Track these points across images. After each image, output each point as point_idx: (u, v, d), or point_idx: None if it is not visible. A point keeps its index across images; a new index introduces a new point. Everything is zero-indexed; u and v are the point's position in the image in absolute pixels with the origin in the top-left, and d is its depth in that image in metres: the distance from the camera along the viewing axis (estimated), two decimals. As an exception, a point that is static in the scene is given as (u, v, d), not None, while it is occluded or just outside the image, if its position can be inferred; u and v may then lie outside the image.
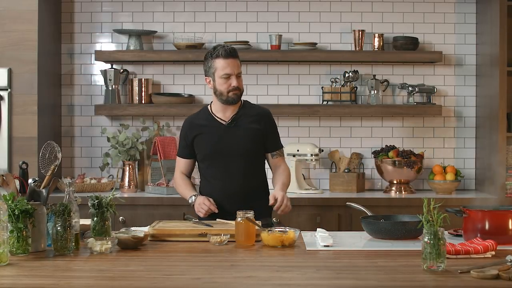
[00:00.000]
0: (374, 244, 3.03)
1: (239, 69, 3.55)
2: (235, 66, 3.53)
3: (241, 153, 3.58)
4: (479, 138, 5.04)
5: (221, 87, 3.55)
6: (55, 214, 2.80)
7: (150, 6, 5.13)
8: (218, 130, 3.61)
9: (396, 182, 4.86)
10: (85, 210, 3.06)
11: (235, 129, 3.60)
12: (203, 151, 3.63)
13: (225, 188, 3.59)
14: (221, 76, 3.52)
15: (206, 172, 3.66)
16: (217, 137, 3.59)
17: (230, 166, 3.58)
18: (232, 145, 3.58)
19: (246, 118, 3.63)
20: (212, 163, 3.62)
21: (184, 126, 3.74)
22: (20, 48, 4.65)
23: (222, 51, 3.51)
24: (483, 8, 4.95)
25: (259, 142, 3.64)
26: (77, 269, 2.58)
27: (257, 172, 3.67)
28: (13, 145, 4.63)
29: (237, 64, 3.54)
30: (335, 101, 4.98)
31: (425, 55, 4.98)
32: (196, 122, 3.69)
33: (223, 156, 3.59)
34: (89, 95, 5.15)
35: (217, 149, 3.59)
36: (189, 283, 2.36)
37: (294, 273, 2.49)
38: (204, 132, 3.62)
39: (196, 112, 3.78)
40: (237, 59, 3.56)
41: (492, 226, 2.93)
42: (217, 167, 3.61)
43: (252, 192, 3.60)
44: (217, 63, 3.53)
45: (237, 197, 3.55)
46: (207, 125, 3.64)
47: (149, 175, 4.95)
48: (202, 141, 3.63)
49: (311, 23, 5.12)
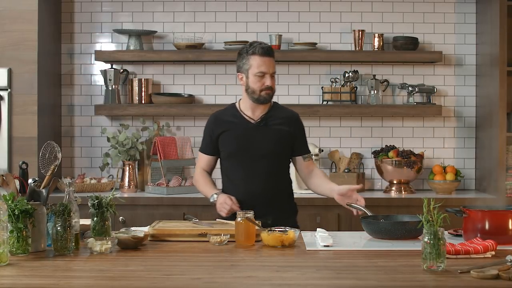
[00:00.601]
0: (374, 244, 3.03)
1: (274, 69, 3.46)
2: (271, 65, 3.44)
3: (267, 154, 3.50)
4: (479, 138, 5.04)
5: (254, 85, 3.44)
6: (55, 214, 2.80)
7: (150, 6, 5.14)
8: (246, 128, 3.51)
9: (396, 182, 4.86)
10: (85, 210, 3.06)
11: (264, 129, 3.51)
12: (228, 148, 3.53)
13: (248, 188, 3.49)
14: (256, 74, 3.42)
15: (230, 171, 3.56)
16: (244, 135, 3.49)
17: (255, 166, 3.50)
18: (259, 144, 3.49)
19: (275, 119, 3.54)
20: (237, 161, 3.53)
21: (209, 121, 3.61)
22: (20, 48, 4.65)
23: (259, 49, 3.42)
24: (483, 8, 4.95)
25: (287, 145, 3.55)
26: (77, 269, 2.58)
27: (282, 175, 3.59)
28: (13, 145, 4.63)
29: (273, 63, 3.46)
30: (335, 101, 4.99)
31: (425, 55, 4.98)
32: (223, 118, 3.57)
33: (249, 156, 3.50)
34: (89, 95, 5.15)
35: (243, 147, 3.49)
36: (189, 283, 2.36)
37: (294, 273, 2.49)
38: (231, 129, 3.52)
39: (223, 109, 3.65)
40: (273, 58, 3.47)
41: (492, 226, 2.93)
42: (242, 167, 3.52)
43: (276, 194, 3.54)
44: (253, 60, 3.43)
45: (261, 198, 3.47)
46: (234, 122, 3.53)
47: (149, 175, 4.95)
48: (228, 138, 3.52)
49: (311, 23, 5.12)
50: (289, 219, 3.49)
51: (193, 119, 5.13)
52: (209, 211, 4.45)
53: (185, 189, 4.77)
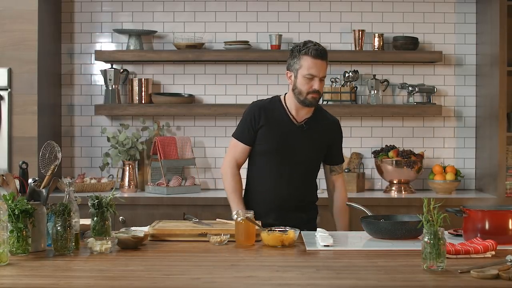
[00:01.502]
0: (374, 244, 3.03)
1: (324, 73, 3.36)
2: (322, 69, 3.34)
3: (304, 160, 3.44)
4: (479, 138, 5.04)
5: (302, 86, 3.34)
6: (55, 214, 2.79)
7: (150, 6, 5.14)
8: (289, 128, 3.41)
9: (396, 182, 4.86)
10: (85, 210, 3.06)
11: (307, 133, 3.43)
12: (267, 145, 3.40)
13: (276, 190, 3.43)
14: (305, 75, 3.33)
15: (260, 168, 3.44)
16: (287, 135, 3.39)
17: (289, 170, 3.42)
18: (300, 149, 3.41)
19: (318, 123, 3.46)
20: (271, 160, 3.42)
21: (252, 109, 3.45)
22: (20, 48, 4.65)
23: (312, 50, 3.32)
24: (483, 8, 4.95)
25: (322, 152, 3.50)
26: (77, 269, 2.58)
27: (311, 180, 3.53)
28: (13, 145, 4.63)
29: (324, 67, 3.36)
30: (335, 101, 4.98)
31: (425, 55, 4.98)
32: (268, 110, 3.43)
33: (286, 157, 3.41)
34: (89, 95, 5.15)
35: (283, 147, 3.40)
36: (189, 283, 2.36)
37: (294, 273, 2.49)
38: (274, 124, 3.39)
39: (267, 100, 3.51)
40: (326, 62, 3.37)
41: (492, 226, 2.93)
42: (276, 167, 3.42)
43: (303, 200, 3.50)
44: (304, 60, 3.33)
45: (287, 202, 3.42)
46: (279, 117, 3.41)
47: (149, 175, 4.95)
48: (269, 133, 3.39)
49: (311, 23, 5.12)
50: (310, 223, 3.48)
51: (193, 119, 5.13)
52: (209, 211, 4.46)
53: (185, 189, 4.77)
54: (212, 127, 5.12)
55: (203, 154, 5.12)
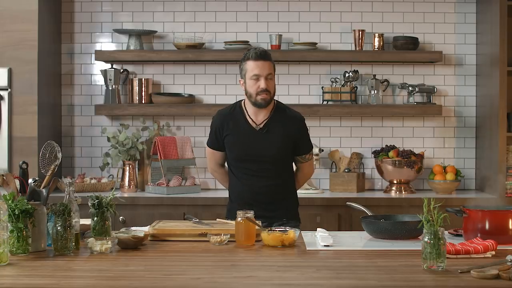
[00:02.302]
0: (374, 244, 3.03)
1: (269, 71, 3.53)
2: (265, 68, 3.52)
3: (270, 158, 3.62)
4: (479, 138, 5.04)
5: (250, 88, 3.55)
6: (55, 214, 2.79)
7: (150, 6, 5.14)
8: (249, 134, 3.62)
9: (396, 182, 4.86)
10: (85, 210, 3.06)
11: (267, 135, 3.61)
12: (233, 152, 3.67)
13: (252, 188, 3.64)
14: (251, 78, 3.53)
15: (235, 171, 3.71)
16: (247, 141, 3.61)
17: (259, 169, 3.63)
18: (262, 150, 3.61)
19: (278, 123, 3.63)
20: (241, 164, 3.67)
21: (215, 120, 3.72)
22: (20, 48, 4.64)
23: (253, 53, 3.52)
24: (483, 8, 4.95)
25: (288, 148, 3.66)
26: (77, 269, 2.58)
27: (285, 173, 3.71)
28: (13, 145, 4.63)
29: (268, 66, 3.53)
30: (335, 101, 4.98)
31: (425, 55, 4.98)
32: (228, 120, 3.67)
33: (252, 160, 3.63)
34: (89, 95, 5.15)
35: (246, 152, 3.63)
36: (189, 283, 2.36)
37: (294, 273, 2.49)
38: (235, 133, 3.64)
39: (229, 108, 3.73)
40: (268, 61, 3.54)
41: (492, 226, 2.93)
42: (246, 169, 3.66)
43: (279, 193, 3.68)
44: (248, 65, 3.54)
45: (265, 197, 3.63)
46: (238, 126, 3.64)
47: (149, 175, 4.95)
48: (232, 142, 3.65)
49: (311, 23, 5.12)
50: (291, 212, 3.70)
51: (193, 119, 5.13)
52: (209, 210, 4.46)
53: (185, 189, 4.77)
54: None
55: (203, 154, 5.10)
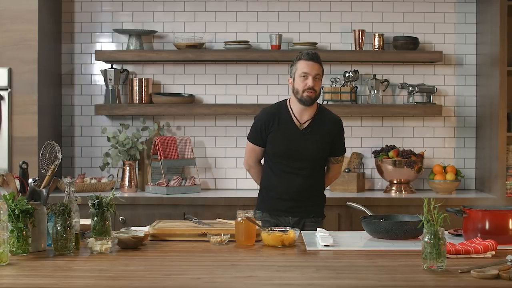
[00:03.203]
0: (374, 244, 3.03)
1: (317, 72, 3.73)
2: (314, 68, 3.73)
3: (309, 157, 3.81)
4: (479, 138, 5.04)
5: (298, 86, 3.74)
6: (55, 214, 2.79)
7: (150, 6, 5.14)
8: (293, 132, 3.79)
9: (396, 182, 4.86)
10: (85, 210, 3.06)
11: (309, 135, 3.79)
12: (275, 148, 3.83)
13: (287, 183, 3.80)
14: (300, 75, 3.73)
15: (273, 165, 3.86)
16: (291, 139, 3.78)
17: (296, 166, 3.80)
18: (303, 149, 3.78)
19: (320, 124, 3.81)
20: (281, 160, 3.82)
21: (262, 116, 3.88)
22: (20, 48, 4.65)
23: (305, 54, 3.76)
24: (483, 8, 4.95)
25: (327, 149, 3.85)
26: (77, 269, 2.58)
27: (318, 173, 3.89)
28: (13, 145, 4.63)
29: (317, 67, 3.74)
30: (335, 101, 4.98)
31: (425, 55, 4.98)
32: (275, 117, 3.83)
33: (292, 157, 3.80)
34: (89, 95, 5.15)
35: (288, 150, 3.79)
36: (189, 282, 2.36)
37: (294, 273, 2.49)
38: (280, 130, 3.80)
39: (275, 106, 3.91)
40: (319, 64, 3.75)
41: (492, 226, 2.93)
42: (285, 164, 3.81)
43: (311, 191, 3.86)
44: (299, 64, 3.75)
45: (297, 193, 3.81)
46: (284, 124, 3.81)
47: (149, 175, 4.95)
48: (276, 138, 3.81)
49: (311, 23, 5.12)
50: (318, 209, 3.88)
51: (193, 119, 5.13)
52: (209, 211, 4.46)
53: (185, 189, 4.77)
54: (212, 127, 5.12)
55: (203, 154, 5.12)
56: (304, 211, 3.81)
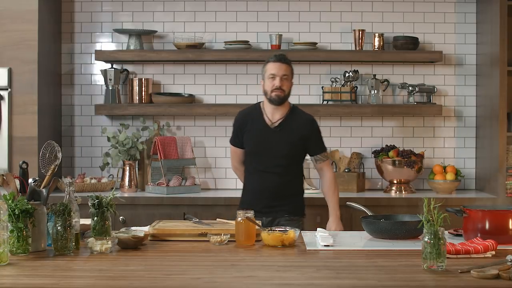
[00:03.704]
0: (374, 244, 3.03)
1: (285, 72, 3.87)
2: (281, 69, 3.87)
3: (281, 154, 3.88)
4: (479, 138, 5.04)
5: (267, 87, 3.90)
6: (55, 214, 2.80)
7: (150, 5, 5.14)
8: (264, 131, 3.91)
9: (396, 182, 4.86)
10: (85, 210, 3.06)
11: (280, 134, 3.88)
12: (248, 147, 3.97)
13: (263, 182, 3.89)
14: (268, 77, 3.88)
15: (249, 165, 3.99)
16: (262, 138, 3.89)
17: (270, 165, 3.88)
18: (275, 147, 3.87)
19: (291, 123, 3.91)
20: (255, 159, 3.95)
21: (237, 118, 4.06)
22: (20, 48, 4.65)
23: (273, 56, 3.91)
24: (483, 8, 4.95)
25: (299, 146, 3.92)
26: (77, 269, 2.58)
27: (294, 173, 3.94)
28: (13, 145, 4.63)
29: (284, 68, 3.87)
30: (335, 101, 4.98)
31: (425, 55, 4.98)
32: (248, 117, 3.99)
33: (264, 155, 3.90)
34: (89, 95, 5.15)
35: (260, 148, 3.91)
36: (189, 282, 2.36)
37: (294, 273, 2.49)
38: (252, 129, 3.93)
39: (250, 108, 4.07)
40: (286, 64, 3.88)
41: (492, 226, 2.93)
42: (259, 163, 3.92)
43: (287, 190, 3.91)
44: (267, 66, 3.91)
45: (274, 192, 3.88)
46: (256, 124, 3.94)
47: (149, 174, 4.95)
48: (249, 138, 3.95)
49: (311, 23, 5.12)
50: (296, 209, 3.91)
51: (193, 118, 5.13)
52: (209, 210, 4.46)
53: (185, 188, 4.77)
54: (212, 127, 5.12)
55: (203, 154, 5.12)
56: (279, 210, 3.86)
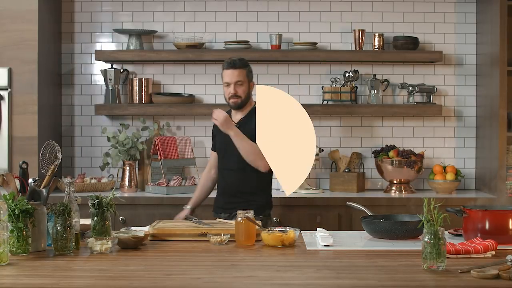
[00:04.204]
0: (374, 244, 3.03)
1: (238, 78, 3.93)
2: (234, 76, 3.93)
3: (238, 153, 3.90)
4: (479, 138, 5.04)
5: (225, 94, 4.00)
6: (55, 213, 2.80)
7: (150, 5, 5.14)
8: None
9: (396, 182, 4.86)
10: (85, 210, 3.06)
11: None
12: (215, 148, 4.14)
13: (225, 179, 4.02)
14: (224, 85, 3.98)
15: (218, 166, 4.11)
16: (224, 137, 3.94)
17: (229, 163, 3.98)
18: (233, 145, 3.89)
19: (249, 123, 3.93)
20: (219, 159, 4.07)
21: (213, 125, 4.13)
22: (20, 48, 4.65)
23: (225, 63, 3.97)
24: (483, 7, 4.95)
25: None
26: (77, 269, 2.58)
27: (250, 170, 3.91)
28: (13, 145, 4.63)
29: (237, 73, 3.93)
30: (335, 101, 4.99)
31: (425, 55, 4.98)
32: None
33: (225, 154, 4.00)
34: (89, 95, 5.15)
35: (221, 146, 4.03)
36: (189, 282, 2.36)
37: (294, 273, 2.49)
38: (219, 131, 3.97)
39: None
40: (238, 69, 3.93)
41: (492, 226, 2.93)
42: (222, 163, 4.04)
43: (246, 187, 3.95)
44: (223, 74, 3.98)
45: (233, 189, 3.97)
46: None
47: (149, 174, 4.95)
48: (216, 139, 4.11)
49: (311, 23, 5.12)
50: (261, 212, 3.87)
51: (193, 118, 5.13)
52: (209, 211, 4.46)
53: (185, 188, 4.77)
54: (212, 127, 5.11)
55: (203, 154, 5.12)
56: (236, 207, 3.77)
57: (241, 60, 3.98)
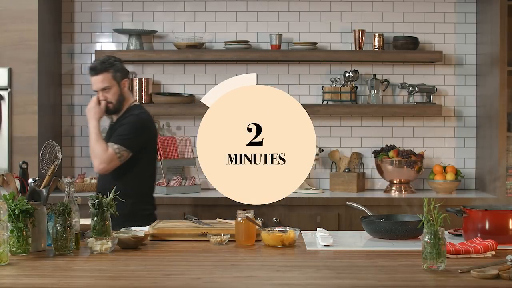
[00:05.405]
0: (374, 244, 3.03)
1: (102, 85, 3.84)
2: (96, 83, 3.85)
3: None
4: (479, 138, 5.04)
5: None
6: (55, 214, 2.79)
7: (150, 5, 5.14)
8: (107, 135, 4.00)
9: (396, 182, 4.86)
10: (85, 210, 3.06)
11: (109, 133, 3.98)
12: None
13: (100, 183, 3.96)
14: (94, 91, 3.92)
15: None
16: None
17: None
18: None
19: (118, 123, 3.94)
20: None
21: None
22: (20, 48, 4.65)
23: (88, 69, 3.90)
24: (483, 7, 4.95)
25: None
26: (77, 269, 2.58)
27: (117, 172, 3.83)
28: (13, 145, 4.63)
29: (99, 79, 3.83)
30: (335, 101, 4.99)
31: (425, 54, 4.98)
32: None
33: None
34: (89, 95, 5.14)
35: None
36: (189, 282, 2.36)
37: (294, 273, 2.49)
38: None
39: None
40: (101, 74, 3.82)
41: (492, 226, 2.93)
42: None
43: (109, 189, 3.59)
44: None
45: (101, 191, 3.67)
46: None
47: (149, 175, 4.95)
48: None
49: (311, 23, 5.12)
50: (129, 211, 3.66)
51: (193, 118, 5.13)
52: (209, 211, 4.46)
53: (185, 188, 4.77)
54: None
55: (203, 154, 5.11)
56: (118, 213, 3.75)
57: (103, 62, 3.86)
